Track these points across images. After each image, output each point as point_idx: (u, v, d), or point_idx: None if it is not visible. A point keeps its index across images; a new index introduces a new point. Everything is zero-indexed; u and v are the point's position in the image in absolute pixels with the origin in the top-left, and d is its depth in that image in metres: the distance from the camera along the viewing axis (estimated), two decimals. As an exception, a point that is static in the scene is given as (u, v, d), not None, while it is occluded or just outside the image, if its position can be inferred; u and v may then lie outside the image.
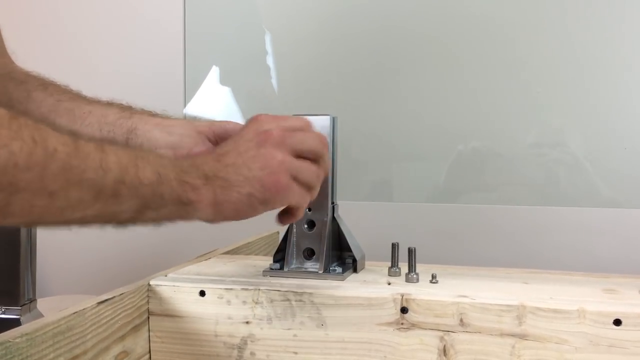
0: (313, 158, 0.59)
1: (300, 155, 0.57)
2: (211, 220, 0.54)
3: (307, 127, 0.60)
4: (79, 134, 0.46)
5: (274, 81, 1.15)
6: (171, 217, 0.52)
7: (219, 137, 0.66)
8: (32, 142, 0.40)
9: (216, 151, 0.56)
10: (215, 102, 1.18)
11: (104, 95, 0.68)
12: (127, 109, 0.67)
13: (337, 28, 1.11)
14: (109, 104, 0.67)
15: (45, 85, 0.67)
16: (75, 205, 0.44)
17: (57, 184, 0.42)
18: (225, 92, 1.18)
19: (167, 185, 0.50)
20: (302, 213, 0.60)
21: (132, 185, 0.47)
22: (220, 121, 0.68)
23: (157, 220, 0.52)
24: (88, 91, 0.68)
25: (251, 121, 0.58)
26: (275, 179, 0.54)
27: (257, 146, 0.55)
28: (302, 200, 0.58)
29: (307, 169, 0.58)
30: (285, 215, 0.60)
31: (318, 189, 0.60)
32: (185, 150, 0.65)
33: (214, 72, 1.18)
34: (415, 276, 0.67)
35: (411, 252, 0.68)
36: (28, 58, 0.70)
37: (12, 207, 0.40)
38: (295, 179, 0.56)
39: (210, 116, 1.17)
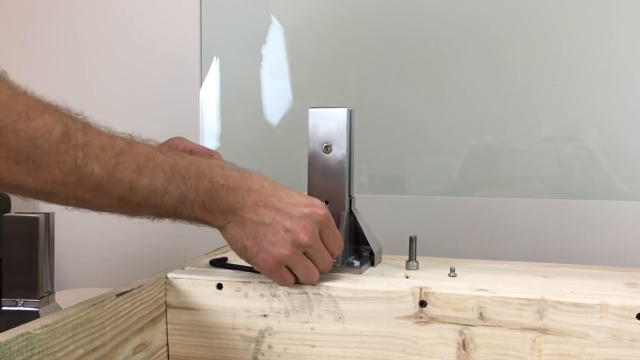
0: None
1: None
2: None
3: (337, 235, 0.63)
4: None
5: (291, 75, 1.14)
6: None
7: None
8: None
9: (264, 192, 0.59)
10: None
11: (114, 86, 0.67)
12: None
13: (354, 21, 1.11)
14: None
15: None
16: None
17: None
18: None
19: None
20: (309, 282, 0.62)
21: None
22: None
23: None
24: (96, 85, 0.68)
25: (309, 204, 0.60)
26: (264, 258, 0.59)
27: (285, 230, 0.58)
28: (283, 283, 0.62)
29: (302, 266, 0.61)
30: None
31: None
32: None
33: (217, 64, 1.18)
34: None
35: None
36: (33, 58, 0.70)
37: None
38: (290, 269, 0.61)
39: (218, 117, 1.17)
